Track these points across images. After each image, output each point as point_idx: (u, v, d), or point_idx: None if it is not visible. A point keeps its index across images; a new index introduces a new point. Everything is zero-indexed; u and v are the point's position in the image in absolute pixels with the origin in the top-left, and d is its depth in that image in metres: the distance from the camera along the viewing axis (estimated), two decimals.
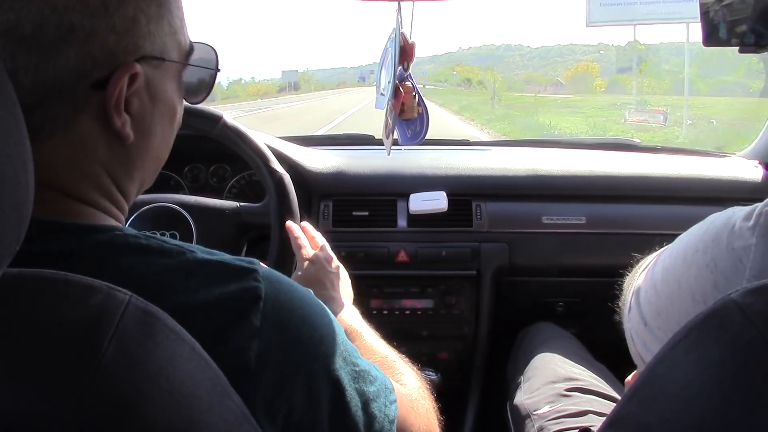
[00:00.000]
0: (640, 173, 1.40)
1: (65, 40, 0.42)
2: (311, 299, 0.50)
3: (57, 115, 0.44)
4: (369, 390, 0.51)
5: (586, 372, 1.06)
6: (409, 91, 0.86)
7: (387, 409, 0.53)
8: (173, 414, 0.34)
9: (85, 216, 0.47)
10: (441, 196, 1.32)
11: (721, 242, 0.51)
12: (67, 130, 0.45)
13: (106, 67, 0.45)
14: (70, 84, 0.44)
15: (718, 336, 0.38)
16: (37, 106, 0.43)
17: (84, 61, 0.44)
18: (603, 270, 1.33)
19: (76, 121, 0.46)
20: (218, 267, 0.45)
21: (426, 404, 0.64)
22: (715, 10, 0.66)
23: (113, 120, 0.47)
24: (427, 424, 0.62)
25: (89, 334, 0.33)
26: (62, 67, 0.43)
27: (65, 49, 0.43)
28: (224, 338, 0.42)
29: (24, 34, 0.41)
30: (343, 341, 0.51)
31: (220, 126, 1.03)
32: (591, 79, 40.60)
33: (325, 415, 0.47)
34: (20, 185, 0.33)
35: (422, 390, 0.67)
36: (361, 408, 0.50)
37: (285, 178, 1.05)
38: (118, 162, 0.49)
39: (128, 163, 0.50)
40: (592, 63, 49.41)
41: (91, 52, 0.44)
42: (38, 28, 0.41)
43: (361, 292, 1.31)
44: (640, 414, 0.41)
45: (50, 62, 0.42)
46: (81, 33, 0.43)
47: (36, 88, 0.43)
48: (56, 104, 0.44)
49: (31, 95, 0.43)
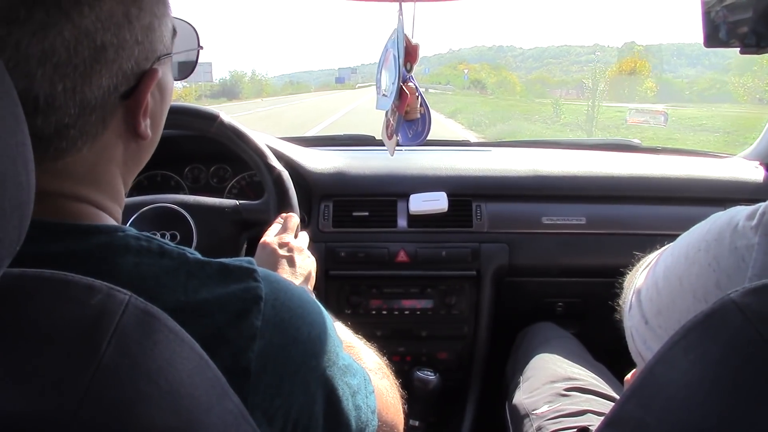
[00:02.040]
0: (640, 174, 1.40)
1: (98, 60, 0.43)
2: (307, 297, 0.51)
3: (89, 130, 0.46)
4: (353, 383, 0.53)
5: (585, 372, 1.06)
6: (413, 93, 0.86)
7: (368, 400, 0.55)
8: (172, 414, 0.34)
9: (87, 216, 0.47)
10: (441, 197, 1.32)
11: (723, 241, 0.51)
12: (95, 142, 0.47)
13: (134, 77, 0.47)
14: (104, 100, 0.45)
15: (717, 336, 0.39)
16: (73, 125, 0.44)
17: (116, 76, 0.45)
18: (603, 270, 1.34)
19: (104, 132, 0.47)
20: (218, 268, 0.45)
21: (387, 382, 0.66)
22: (716, 11, 0.66)
23: (139, 125, 0.49)
24: (393, 404, 0.64)
25: (89, 333, 0.33)
26: (98, 86, 0.44)
27: (99, 69, 0.44)
28: (224, 338, 0.42)
29: (60, 61, 0.42)
30: (333, 337, 0.52)
31: (218, 124, 1.03)
32: (638, 80, 32.52)
33: (320, 411, 0.48)
34: (22, 186, 0.33)
35: (383, 368, 0.69)
36: (351, 401, 0.51)
37: (283, 174, 1.05)
38: (131, 160, 0.51)
39: (139, 158, 0.53)
40: (641, 60, 38.92)
41: (121, 66, 0.45)
42: (73, 52, 0.42)
43: (361, 292, 1.32)
44: (639, 413, 0.41)
45: (86, 83, 0.43)
46: (111, 50, 0.44)
47: (75, 109, 0.44)
48: (90, 120, 0.45)
49: (70, 116, 0.44)
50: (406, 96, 0.85)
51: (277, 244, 0.89)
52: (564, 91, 38.31)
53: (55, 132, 0.43)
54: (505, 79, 39.16)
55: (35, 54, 0.41)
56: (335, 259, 1.29)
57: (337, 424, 0.49)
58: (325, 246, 1.29)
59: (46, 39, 0.41)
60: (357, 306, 1.31)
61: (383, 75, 0.89)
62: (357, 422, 0.51)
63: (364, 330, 1.32)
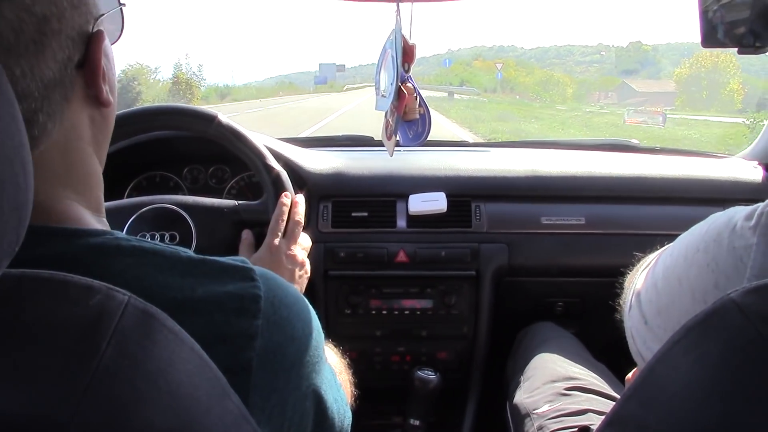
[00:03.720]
0: (639, 174, 1.40)
1: (44, 32, 0.42)
2: (300, 295, 0.51)
3: (55, 110, 0.44)
4: (332, 378, 0.54)
5: (585, 371, 1.06)
6: (411, 93, 0.87)
7: (341, 393, 0.57)
8: (172, 414, 0.34)
9: (71, 217, 0.46)
10: (440, 197, 1.32)
11: (722, 242, 0.51)
12: (62, 122, 0.45)
13: (81, 43, 0.45)
14: (62, 74, 0.44)
15: (717, 336, 0.39)
16: (40, 108, 0.43)
17: (65, 46, 0.44)
18: (602, 270, 1.34)
19: (68, 108, 0.46)
20: (213, 266, 0.45)
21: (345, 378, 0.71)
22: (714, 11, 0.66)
23: (102, 91, 0.47)
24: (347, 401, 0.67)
25: (88, 334, 0.33)
26: (53, 61, 0.43)
27: (48, 42, 0.42)
28: (223, 337, 0.42)
29: (10, 43, 0.40)
30: (321, 333, 0.52)
31: (216, 125, 1.03)
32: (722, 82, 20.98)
33: (310, 407, 0.48)
34: (20, 187, 0.33)
35: (341, 365, 0.73)
36: (331, 395, 0.52)
37: (282, 174, 1.05)
38: (100, 133, 0.50)
39: (106, 129, 0.51)
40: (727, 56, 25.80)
41: (68, 34, 0.44)
42: (20, 32, 0.41)
43: (361, 293, 1.32)
44: (639, 413, 0.41)
45: (42, 61, 0.42)
46: (54, 20, 0.43)
47: (38, 91, 0.42)
48: (54, 99, 0.44)
49: (35, 100, 0.42)
50: (404, 96, 0.85)
51: (284, 254, 0.94)
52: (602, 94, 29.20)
53: (26, 121, 0.41)
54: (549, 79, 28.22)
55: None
56: (334, 259, 1.29)
57: (325, 418, 0.50)
58: (325, 246, 1.29)
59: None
60: (357, 306, 1.31)
61: (382, 76, 0.89)
62: (338, 416, 0.53)
63: (364, 330, 1.33)
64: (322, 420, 0.50)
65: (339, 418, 0.53)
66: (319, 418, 0.50)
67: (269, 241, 0.97)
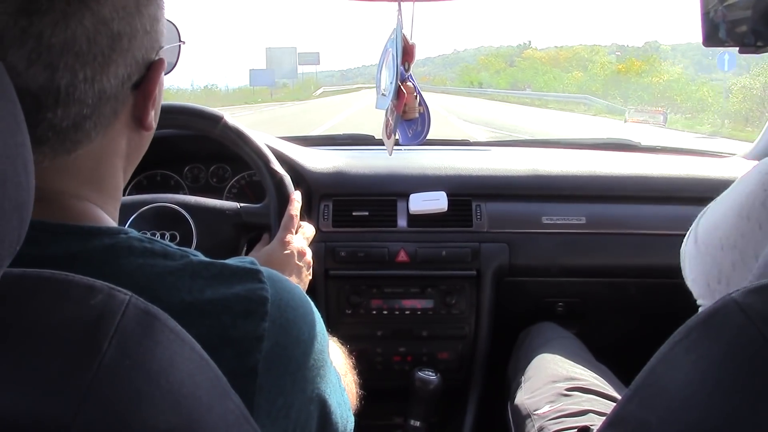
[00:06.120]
0: (640, 173, 1.40)
1: (114, 48, 0.44)
2: (305, 297, 0.51)
3: (103, 121, 0.46)
4: (337, 381, 0.54)
5: (586, 372, 1.06)
6: (411, 92, 0.87)
7: (345, 397, 0.56)
8: (173, 414, 0.34)
9: (89, 217, 0.47)
10: (441, 196, 1.32)
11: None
12: (106, 134, 0.47)
13: (143, 66, 0.47)
14: (118, 90, 0.46)
15: (718, 336, 0.39)
16: (89, 115, 0.44)
17: (129, 65, 0.46)
18: (603, 270, 1.34)
19: (114, 123, 0.47)
20: (222, 268, 0.45)
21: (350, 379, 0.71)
22: (716, 10, 0.66)
23: (147, 115, 0.49)
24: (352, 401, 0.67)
25: (90, 334, 0.33)
26: (114, 76, 0.45)
27: (115, 58, 0.44)
28: (229, 339, 0.42)
29: (80, 50, 0.42)
30: (326, 335, 0.53)
31: (221, 126, 1.04)
32: None
33: (315, 410, 0.48)
34: (21, 186, 0.33)
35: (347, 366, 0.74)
36: (335, 399, 0.52)
37: (285, 179, 1.05)
38: (133, 152, 0.52)
39: (139, 151, 0.53)
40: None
41: (134, 55, 0.46)
42: (92, 42, 0.43)
43: (361, 292, 1.32)
44: (641, 413, 0.41)
45: (104, 73, 0.44)
46: (125, 39, 0.45)
47: (93, 99, 0.44)
48: (105, 111, 0.46)
49: (88, 107, 0.44)
50: (403, 95, 0.86)
51: (296, 251, 0.94)
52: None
53: (73, 124, 0.44)
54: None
55: (57, 44, 0.41)
56: (335, 258, 1.29)
57: (328, 422, 0.50)
58: (325, 246, 1.28)
59: (68, 28, 0.41)
60: (357, 306, 1.31)
61: (383, 74, 0.89)
62: (341, 420, 0.53)
63: (365, 330, 1.33)
64: (325, 424, 0.50)
65: (342, 422, 0.53)
66: (323, 421, 0.50)
67: (282, 237, 0.96)
